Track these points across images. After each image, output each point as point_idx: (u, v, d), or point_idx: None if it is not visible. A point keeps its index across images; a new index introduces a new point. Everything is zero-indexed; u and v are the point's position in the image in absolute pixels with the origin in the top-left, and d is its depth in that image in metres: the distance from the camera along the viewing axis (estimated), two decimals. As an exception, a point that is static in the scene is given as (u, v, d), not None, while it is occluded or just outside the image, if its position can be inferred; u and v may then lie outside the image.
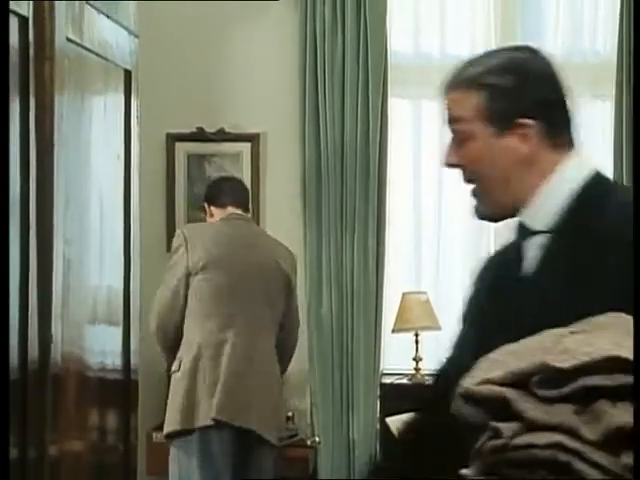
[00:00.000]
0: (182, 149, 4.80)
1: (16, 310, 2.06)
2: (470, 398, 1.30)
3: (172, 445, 3.76)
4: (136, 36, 2.84)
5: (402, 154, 4.75)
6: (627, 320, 1.38)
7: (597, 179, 1.72)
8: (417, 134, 4.77)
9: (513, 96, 1.68)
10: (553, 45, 4.70)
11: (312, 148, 4.61)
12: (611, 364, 1.24)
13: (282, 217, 4.72)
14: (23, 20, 2.08)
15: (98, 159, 2.55)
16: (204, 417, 3.65)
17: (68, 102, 2.29)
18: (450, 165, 1.75)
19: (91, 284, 2.53)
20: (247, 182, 4.67)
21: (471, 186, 1.75)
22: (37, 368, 2.13)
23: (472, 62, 1.75)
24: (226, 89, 4.78)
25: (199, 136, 4.77)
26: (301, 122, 4.63)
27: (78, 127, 2.40)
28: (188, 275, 3.77)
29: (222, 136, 4.75)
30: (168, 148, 4.80)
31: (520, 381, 1.28)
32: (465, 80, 1.72)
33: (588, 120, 4.33)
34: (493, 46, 4.69)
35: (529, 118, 1.68)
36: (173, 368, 3.78)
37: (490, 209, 1.75)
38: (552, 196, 1.69)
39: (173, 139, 4.80)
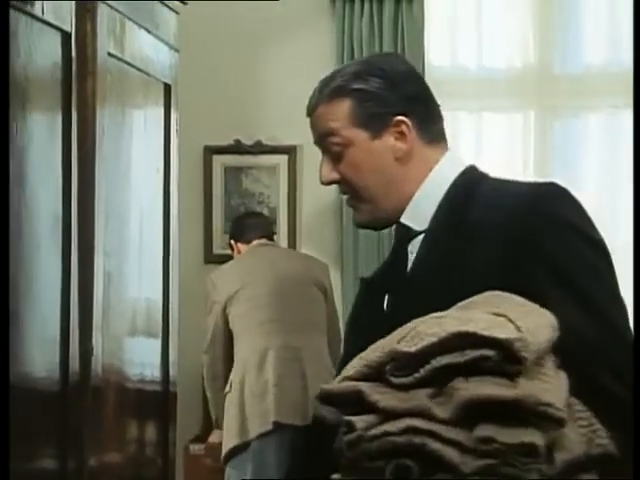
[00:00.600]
0: (219, 162, 4.82)
1: (57, 323, 2.08)
2: (326, 399, 1.30)
3: (228, 466, 3.79)
4: (176, 50, 2.86)
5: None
6: (496, 296, 1.42)
7: (469, 173, 1.72)
8: (454, 146, 4.74)
9: (382, 97, 1.69)
10: (591, 55, 4.68)
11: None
12: (459, 340, 1.24)
13: (319, 229, 4.73)
14: (66, 36, 2.11)
15: (138, 173, 2.57)
16: (260, 425, 3.67)
17: (109, 117, 2.31)
18: (330, 182, 1.74)
19: (130, 297, 2.54)
20: (284, 194, 4.71)
21: (347, 197, 1.75)
22: (78, 380, 2.15)
23: (332, 75, 1.75)
24: (263, 102, 4.80)
25: (236, 149, 4.79)
26: (338, 134, 4.63)
27: (119, 141, 2.42)
28: (224, 309, 3.87)
29: (259, 148, 4.77)
30: (205, 161, 4.82)
31: (375, 373, 1.28)
32: (331, 91, 1.71)
33: (626, 128, 4.31)
34: (531, 59, 4.69)
35: (401, 114, 1.69)
36: (225, 390, 3.82)
37: (373, 216, 1.74)
38: (429, 194, 1.70)
39: (210, 152, 4.82)
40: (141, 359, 2.62)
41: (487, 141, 4.75)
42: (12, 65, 1.86)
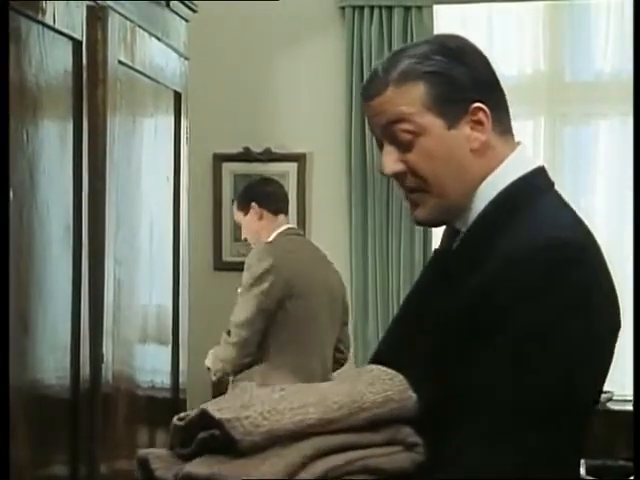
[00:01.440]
0: (229, 169, 4.83)
1: (68, 330, 2.09)
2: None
3: None
4: (186, 58, 2.87)
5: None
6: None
7: (523, 182, 1.55)
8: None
9: (458, 80, 1.52)
10: (602, 63, 4.69)
11: (358, 168, 4.63)
12: (204, 419, 1.32)
13: (328, 236, 4.73)
14: (77, 44, 2.12)
15: (148, 180, 2.58)
16: None
17: (120, 124, 2.32)
18: (395, 173, 1.56)
19: (141, 304, 2.55)
20: (293, 202, 4.70)
21: (409, 191, 1.57)
22: (89, 387, 2.15)
23: (396, 56, 1.55)
24: (272, 109, 4.81)
25: (246, 156, 4.80)
26: (347, 142, 4.64)
27: (129, 149, 2.42)
28: (283, 287, 3.59)
29: (268, 156, 4.78)
30: (215, 168, 4.83)
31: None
32: (400, 74, 1.52)
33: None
34: (541, 66, 4.69)
35: (478, 101, 1.53)
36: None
37: (439, 212, 1.57)
38: (483, 195, 1.54)
39: (220, 159, 4.83)
40: (151, 366, 2.62)
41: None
42: (23, 73, 1.87)
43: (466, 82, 1.52)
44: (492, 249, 1.48)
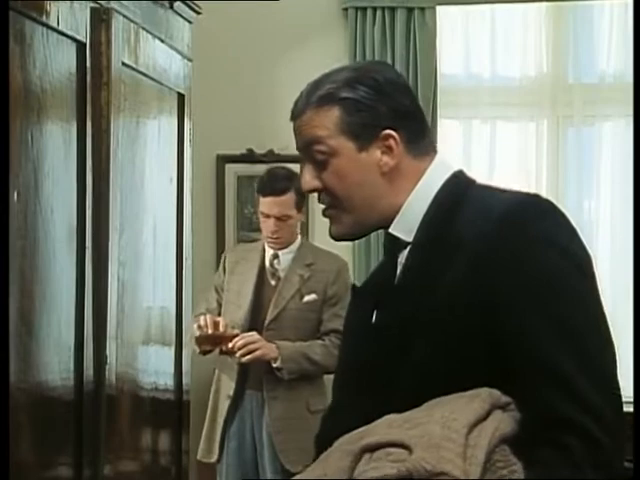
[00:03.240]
0: (232, 170, 4.84)
1: (72, 332, 2.09)
2: None
3: None
4: (189, 60, 2.87)
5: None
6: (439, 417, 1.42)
7: (454, 181, 1.67)
8: (467, 155, 4.76)
9: (372, 108, 1.63)
10: (605, 65, 4.69)
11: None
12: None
13: (330, 239, 4.72)
14: (80, 46, 2.12)
15: (152, 182, 2.58)
16: None
17: (123, 126, 2.32)
18: (312, 190, 1.68)
19: (144, 306, 2.55)
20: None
21: (325, 207, 1.70)
22: (92, 389, 2.15)
23: (321, 80, 1.69)
24: (275, 111, 4.81)
25: (249, 157, 4.80)
26: (350, 143, 4.64)
27: (133, 151, 2.42)
28: None
29: (272, 157, 4.78)
30: (218, 169, 4.84)
31: None
32: (319, 98, 1.65)
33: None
34: (545, 68, 4.69)
35: (389, 128, 1.64)
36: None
37: (353, 228, 1.69)
38: (416, 205, 1.65)
39: (223, 160, 4.83)
40: (155, 368, 2.62)
41: (500, 150, 4.75)
42: (28, 75, 1.87)
43: (380, 110, 1.64)
44: (451, 243, 1.56)
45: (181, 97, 2.80)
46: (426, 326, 1.56)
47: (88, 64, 2.14)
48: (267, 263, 3.98)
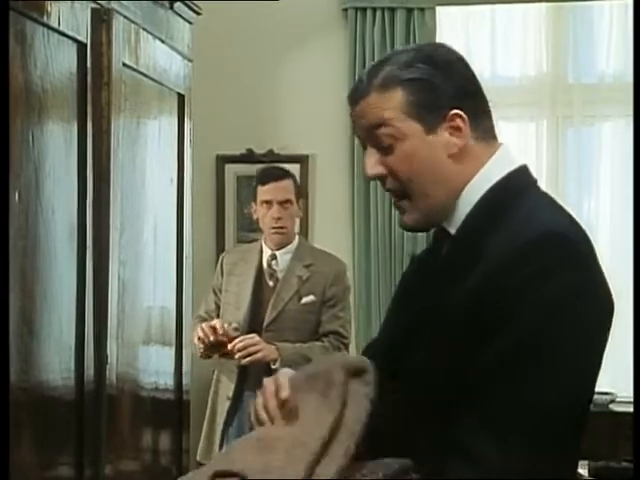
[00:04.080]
0: (232, 170, 4.84)
1: (73, 332, 2.09)
2: None
3: None
4: (190, 60, 2.87)
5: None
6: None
7: (510, 179, 1.60)
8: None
9: (437, 87, 1.57)
10: (605, 65, 4.69)
11: (361, 169, 4.62)
12: None
13: (331, 238, 4.73)
14: (81, 46, 2.12)
15: (152, 182, 2.58)
16: None
17: (124, 127, 2.32)
18: (376, 176, 1.62)
19: (145, 305, 2.55)
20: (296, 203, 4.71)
21: (395, 198, 1.64)
22: (93, 388, 2.16)
23: (380, 63, 1.62)
24: (275, 111, 4.81)
25: (248, 158, 4.80)
26: (350, 143, 4.65)
27: (133, 151, 2.43)
28: None
29: (271, 157, 4.78)
30: (218, 169, 4.84)
31: None
32: (382, 80, 1.59)
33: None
34: (544, 68, 4.69)
35: (456, 108, 1.58)
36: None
37: (422, 215, 1.62)
38: (468, 197, 1.59)
39: (223, 161, 4.83)
40: (155, 367, 2.63)
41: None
42: (29, 75, 1.88)
43: (445, 90, 1.58)
44: (483, 249, 1.52)
45: (181, 97, 2.81)
46: (433, 329, 1.56)
47: (89, 64, 2.14)
48: (265, 264, 3.97)
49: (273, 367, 3.76)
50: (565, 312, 1.45)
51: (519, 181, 1.62)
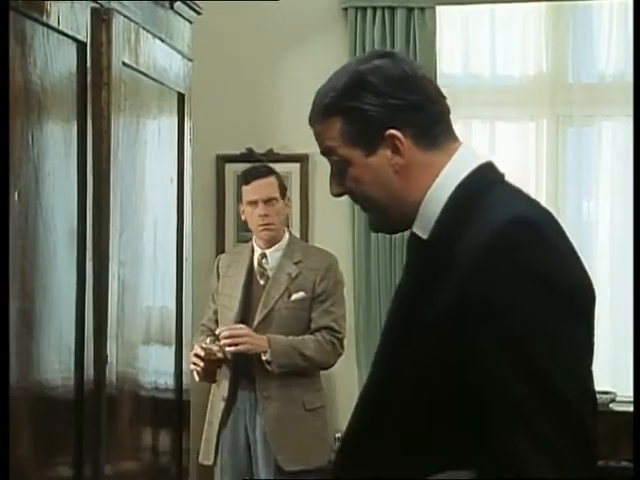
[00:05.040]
0: (232, 170, 4.84)
1: (72, 332, 2.09)
2: None
3: None
4: (190, 60, 2.87)
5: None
6: None
7: (474, 177, 1.63)
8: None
9: (372, 112, 1.63)
10: (605, 65, 4.69)
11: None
12: None
13: (331, 237, 4.73)
14: (81, 45, 2.12)
15: (152, 182, 2.58)
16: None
17: (124, 127, 2.32)
18: (338, 195, 1.73)
19: (145, 305, 2.55)
20: (296, 202, 4.72)
21: (362, 208, 1.74)
22: (93, 388, 2.16)
23: (325, 90, 1.70)
24: (275, 110, 4.81)
25: (248, 157, 4.80)
26: (350, 143, 4.64)
27: (133, 151, 2.43)
28: None
29: (271, 157, 4.78)
30: (218, 169, 4.84)
31: None
32: (323, 110, 1.68)
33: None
34: (544, 68, 4.69)
35: (393, 128, 1.62)
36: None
37: (385, 223, 1.73)
38: (433, 202, 1.63)
39: (223, 160, 4.83)
40: (155, 367, 2.63)
41: (500, 150, 4.75)
42: (28, 75, 1.88)
43: (380, 113, 1.63)
44: (455, 248, 1.55)
45: (181, 97, 2.81)
46: (411, 338, 1.57)
47: (89, 64, 2.14)
48: (256, 263, 3.97)
49: (264, 359, 3.77)
50: (535, 294, 1.46)
51: (483, 178, 1.65)
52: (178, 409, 2.79)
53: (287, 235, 4.02)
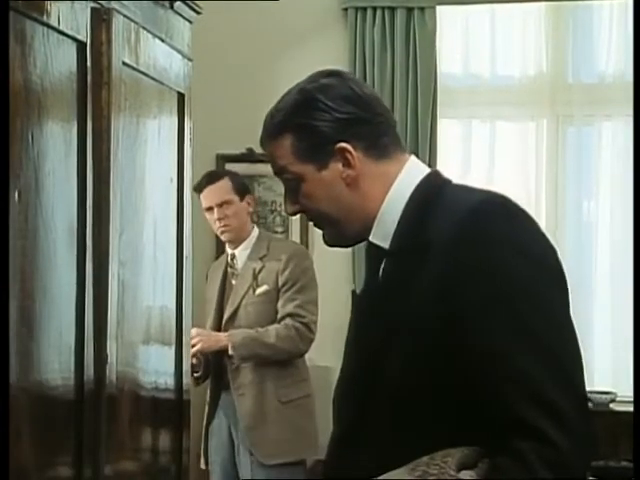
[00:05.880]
0: (232, 170, 4.83)
1: (72, 331, 2.09)
2: None
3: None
4: (190, 59, 2.87)
5: (452, 175, 4.74)
6: None
7: (426, 183, 1.68)
8: (467, 155, 4.77)
9: (321, 127, 1.67)
10: (605, 65, 4.69)
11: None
12: None
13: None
14: (81, 45, 2.12)
15: (152, 181, 2.58)
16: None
17: (124, 126, 2.32)
18: (294, 213, 1.76)
19: (144, 305, 2.55)
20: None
21: (316, 225, 1.76)
22: (93, 388, 2.15)
23: (275, 109, 1.75)
24: (275, 110, 4.81)
25: (249, 157, 4.81)
26: (350, 143, 4.65)
27: (133, 151, 2.42)
28: None
29: (271, 157, 4.78)
30: (218, 169, 4.84)
31: None
32: (273, 128, 1.73)
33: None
34: (544, 67, 4.69)
35: (343, 141, 1.67)
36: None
37: (339, 238, 1.75)
38: (390, 211, 1.67)
39: (223, 160, 4.84)
40: (155, 367, 2.62)
41: (500, 149, 4.75)
42: (28, 74, 1.88)
43: (329, 128, 1.67)
44: (425, 243, 1.57)
45: (181, 97, 2.80)
46: (399, 339, 1.57)
47: (89, 64, 2.14)
48: (228, 265, 4.01)
49: (230, 354, 3.81)
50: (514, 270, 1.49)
51: (435, 181, 1.70)
52: (178, 409, 2.79)
53: (255, 232, 4.02)
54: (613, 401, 4.41)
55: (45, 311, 1.96)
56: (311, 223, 1.80)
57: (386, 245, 1.67)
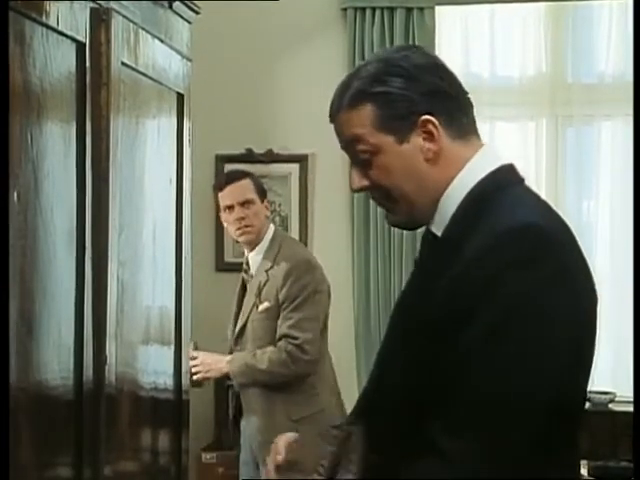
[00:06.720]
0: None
1: (72, 332, 2.09)
2: None
3: None
4: (189, 60, 2.87)
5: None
6: None
7: (492, 178, 1.62)
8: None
9: (405, 97, 1.59)
10: (604, 65, 4.69)
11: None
12: None
13: (330, 238, 4.74)
14: (80, 46, 2.12)
15: (151, 182, 2.58)
16: None
17: (123, 127, 2.32)
18: (361, 189, 1.67)
19: (144, 305, 2.55)
20: (295, 203, 4.73)
21: (380, 202, 1.69)
22: (92, 388, 2.15)
23: (350, 78, 1.66)
24: (275, 111, 4.81)
25: (248, 157, 4.81)
26: (350, 143, 4.65)
27: (132, 151, 2.42)
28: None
29: (271, 157, 4.79)
30: (217, 169, 4.84)
31: None
32: (351, 97, 1.63)
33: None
34: (544, 67, 4.69)
35: (426, 114, 1.60)
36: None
37: (409, 216, 1.67)
38: (451, 199, 1.61)
39: (222, 160, 4.84)
40: (154, 367, 2.62)
41: (499, 149, 4.75)
42: (28, 75, 1.88)
43: (413, 98, 1.59)
44: (464, 247, 1.53)
45: (180, 97, 2.80)
46: (414, 331, 1.57)
47: (88, 64, 2.14)
48: (244, 269, 3.93)
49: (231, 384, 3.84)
50: (529, 306, 1.45)
51: (501, 179, 1.63)
52: (177, 409, 2.79)
53: (270, 234, 3.85)
54: (612, 401, 4.41)
55: (45, 311, 1.96)
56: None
57: (439, 232, 1.63)
